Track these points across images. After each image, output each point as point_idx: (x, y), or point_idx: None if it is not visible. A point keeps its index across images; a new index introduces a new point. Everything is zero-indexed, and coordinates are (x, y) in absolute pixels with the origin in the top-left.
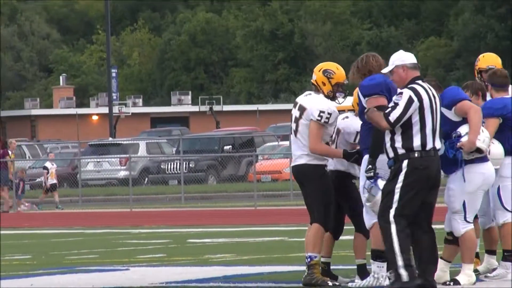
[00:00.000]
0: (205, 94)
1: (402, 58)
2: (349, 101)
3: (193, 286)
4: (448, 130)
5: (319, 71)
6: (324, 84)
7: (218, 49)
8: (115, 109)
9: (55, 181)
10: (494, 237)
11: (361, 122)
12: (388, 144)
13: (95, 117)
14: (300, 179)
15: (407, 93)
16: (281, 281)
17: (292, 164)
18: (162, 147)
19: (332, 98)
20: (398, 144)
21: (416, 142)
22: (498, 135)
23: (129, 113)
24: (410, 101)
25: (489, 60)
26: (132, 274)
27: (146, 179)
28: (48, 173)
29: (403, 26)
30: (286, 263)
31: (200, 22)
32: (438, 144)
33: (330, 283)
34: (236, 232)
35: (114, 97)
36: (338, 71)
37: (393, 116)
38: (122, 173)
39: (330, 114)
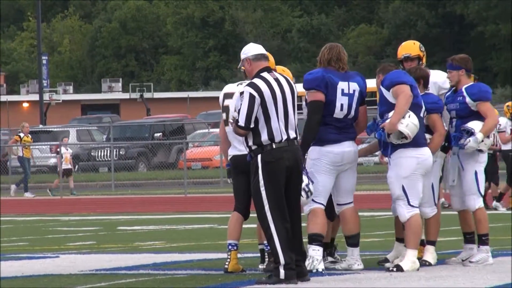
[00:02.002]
0: (135, 81)
1: (245, 51)
2: None
3: (122, 274)
4: (384, 110)
5: None
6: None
7: (148, 36)
8: (46, 96)
9: (70, 166)
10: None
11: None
12: (245, 143)
13: (25, 104)
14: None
15: (247, 92)
16: (210, 268)
17: (236, 153)
18: (93, 134)
19: None
20: (250, 141)
21: (264, 136)
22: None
23: (59, 100)
24: (251, 99)
25: (404, 49)
26: (62, 262)
27: (77, 166)
28: (62, 158)
29: (333, 13)
30: (216, 250)
31: (130, 9)
32: (293, 134)
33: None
34: (166, 219)
35: (45, 84)
36: (270, 58)
37: (241, 121)
38: (53, 161)
39: None
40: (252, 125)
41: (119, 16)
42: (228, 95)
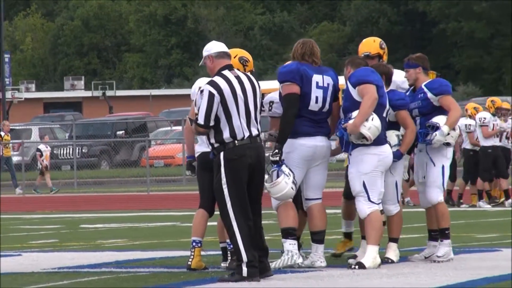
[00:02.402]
0: (98, 79)
1: (208, 48)
2: None
3: (85, 272)
4: (347, 106)
5: (234, 57)
6: (238, 70)
7: (111, 34)
8: (8, 94)
9: (46, 163)
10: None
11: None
12: (207, 141)
13: None
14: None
15: (206, 89)
16: (172, 266)
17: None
18: (55, 132)
19: None
20: (212, 139)
21: (226, 134)
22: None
23: (22, 98)
24: (211, 97)
25: (364, 46)
26: (24, 260)
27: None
28: (42, 155)
29: (295, 11)
30: (178, 248)
31: (93, 7)
32: (255, 131)
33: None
34: (128, 217)
35: (7, 82)
36: (250, 59)
37: (200, 119)
38: (15, 158)
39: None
40: (211, 123)
41: (82, 14)
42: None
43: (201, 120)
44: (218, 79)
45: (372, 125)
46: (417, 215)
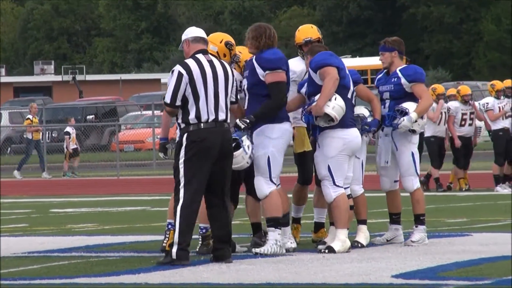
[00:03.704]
0: (68, 63)
1: (186, 32)
2: None
3: (55, 256)
4: (311, 91)
5: (220, 42)
6: (225, 55)
7: (81, 18)
8: None
9: (76, 146)
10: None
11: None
12: (176, 121)
13: None
14: None
15: (176, 69)
16: (143, 250)
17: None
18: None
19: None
20: (180, 119)
21: (192, 115)
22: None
23: None
24: (179, 77)
25: (304, 33)
26: None
27: (9, 148)
28: (70, 138)
29: None
30: (148, 232)
31: None
32: (223, 116)
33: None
34: (98, 201)
35: None
36: (234, 43)
37: (167, 97)
38: None
39: (241, 81)
40: (178, 103)
41: None
42: None
43: (167, 99)
44: (189, 61)
45: (335, 105)
46: (379, 199)
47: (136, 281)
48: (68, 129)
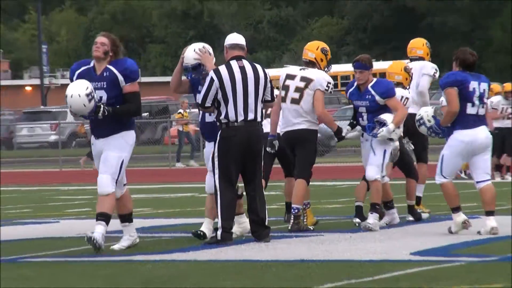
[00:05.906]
0: None
1: (226, 39)
2: None
3: (114, 236)
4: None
5: (317, 49)
6: (322, 60)
7: (136, 27)
8: (46, 81)
9: None
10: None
11: None
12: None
13: (28, 88)
14: (294, 142)
15: (209, 75)
16: (190, 231)
17: (289, 129)
18: None
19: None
20: (216, 118)
21: (223, 115)
22: None
23: (58, 84)
24: (211, 82)
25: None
26: (62, 226)
27: (74, 142)
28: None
29: (299, 6)
30: (197, 216)
31: (120, 3)
32: (252, 116)
33: (311, 228)
34: (153, 189)
35: (45, 70)
36: (329, 49)
37: (199, 99)
38: (53, 137)
39: (332, 84)
40: (208, 104)
41: (110, 9)
42: (290, 76)
43: (199, 100)
44: (221, 68)
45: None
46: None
47: (186, 258)
48: None
